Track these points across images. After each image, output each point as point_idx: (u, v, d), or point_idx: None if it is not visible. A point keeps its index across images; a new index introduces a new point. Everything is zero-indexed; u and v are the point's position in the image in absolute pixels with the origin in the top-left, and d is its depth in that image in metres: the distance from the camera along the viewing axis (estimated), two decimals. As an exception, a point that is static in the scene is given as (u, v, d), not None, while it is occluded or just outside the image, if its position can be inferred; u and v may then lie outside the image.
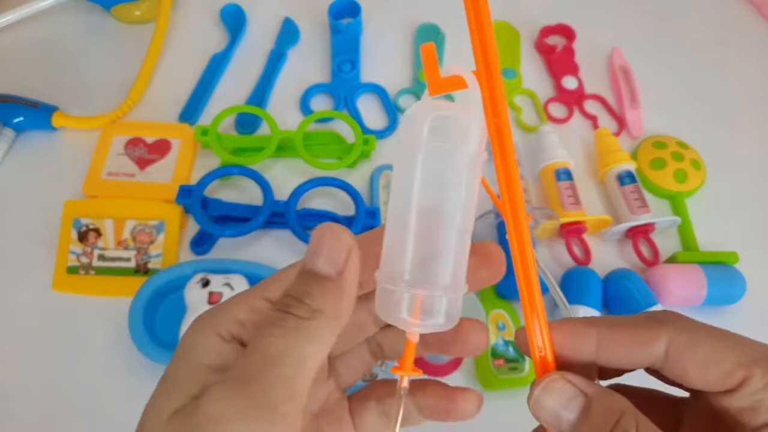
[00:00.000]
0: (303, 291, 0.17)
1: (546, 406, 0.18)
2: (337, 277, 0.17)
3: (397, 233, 0.18)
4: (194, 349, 0.18)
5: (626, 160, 0.49)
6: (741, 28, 0.65)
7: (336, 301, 0.17)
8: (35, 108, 0.48)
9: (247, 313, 0.18)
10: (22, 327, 0.40)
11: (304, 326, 0.16)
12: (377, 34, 0.58)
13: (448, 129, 0.17)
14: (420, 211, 0.17)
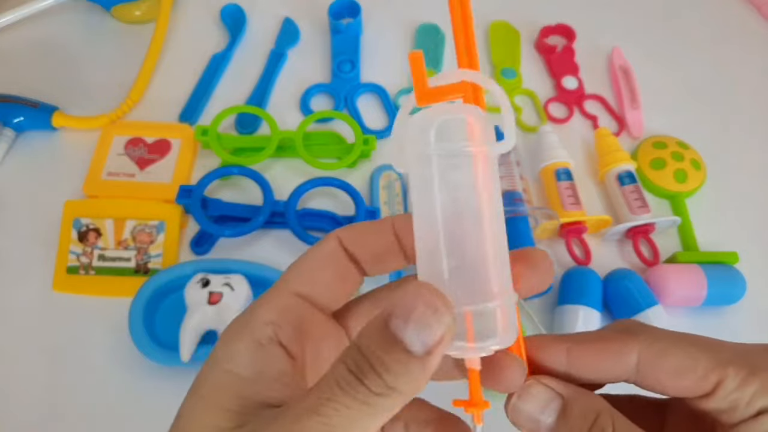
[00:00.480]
0: (381, 362, 0.15)
1: (524, 411, 0.18)
2: (423, 356, 0.15)
3: (428, 253, 0.16)
4: (225, 357, 0.17)
5: (626, 160, 0.49)
6: (741, 28, 0.65)
7: (414, 383, 0.15)
8: (35, 108, 0.48)
9: (277, 314, 0.18)
10: (22, 327, 0.40)
11: (375, 402, 0.15)
12: (377, 34, 0.58)
13: (457, 132, 0.16)
14: (447, 224, 0.16)
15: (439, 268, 0.16)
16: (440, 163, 0.16)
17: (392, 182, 0.47)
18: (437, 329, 0.15)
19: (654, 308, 0.41)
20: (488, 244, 0.16)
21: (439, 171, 0.16)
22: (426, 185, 0.16)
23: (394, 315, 0.15)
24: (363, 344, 0.15)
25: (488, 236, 0.16)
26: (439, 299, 0.15)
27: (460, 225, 0.16)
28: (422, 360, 0.15)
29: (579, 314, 0.41)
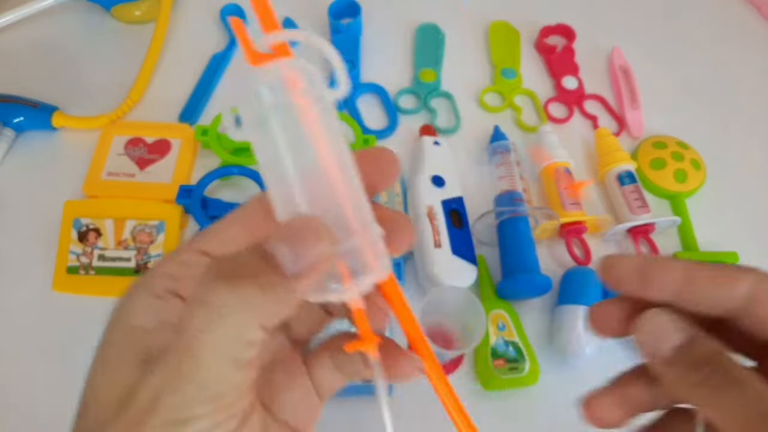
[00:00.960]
0: (250, 267, 0.15)
1: (656, 325, 0.18)
2: (293, 278, 0.15)
3: (284, 208, 0.17)
4: (127, 313, 0.17)
5: (626, 160, 0.49)
6: (741, 28, 0.65)
7: (276, 303, 0.15)
8: (35, 108, 0.48)
9: (178, 268, 0.18)
10: (22, 327, 0.40)
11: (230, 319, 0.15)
12: (377, 34, 0.58)
13: (283, 88, 0.16)
14: (296, 177, 0.16)
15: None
16: (273, 121, 0.16)
17: (392, 182, 0.47)
18: (314, 250, 0.15)
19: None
20: (338, 187, 0.16)
21: (275, 127, 0.16)
22: (266, 144, 0.17)
23: (275, 235, 0.15)
24: (235, 255, 0.15)
25: (336, 179, 0.16)
26: (324, 227, 0.15)
27: (307, 175, 0.16)
28: (290, 281, 0.15)
29: (579, 314, 0.41)
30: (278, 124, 0.16)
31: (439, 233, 0.42)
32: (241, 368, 0.15)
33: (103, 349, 0.17)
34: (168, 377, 0.15)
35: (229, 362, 0.15)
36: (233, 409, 0.16)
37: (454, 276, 0.41)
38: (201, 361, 0.15)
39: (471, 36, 0.60)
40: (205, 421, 0.15)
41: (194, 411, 0.15)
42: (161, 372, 0.15)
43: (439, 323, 0.39)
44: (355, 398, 0.38)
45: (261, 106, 0.16)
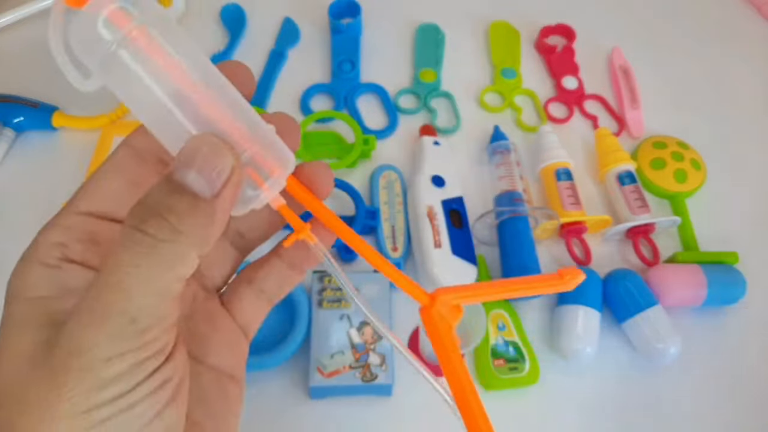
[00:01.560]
0: (165, 205, 0.14)
1: None
2: (211, 199, 0.15)
3: (170, 135, 0.17)
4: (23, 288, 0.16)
5: (626, 160, 0.49)
6: (741, 28, 0.65)
7: (203, 224, 0.15)
8: (35, 108, 0.48)
9: (63, 233, 0.17)
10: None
11: (163, 250, 0.14)
12: (377, 34, 0.58)
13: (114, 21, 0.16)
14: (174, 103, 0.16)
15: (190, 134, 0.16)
16: (123, 58, 0.16)
17: (392, 182, 0.47)
18: (223, 168, 0.15)
19: (654, 308, 0.41)
20: (216, 101, 0.16)
21: (127, 64, 0.16)
22: (125, 84, 0.16)
23: (177, 164, 0.15)
24: (146, 197, 0.15)
25: (210, 94, 0.16)
26: (221, 141, 0.15)
27: (180, 100, 0.16)
28: (210, 202, 0.15)
29: (579, 314, 0.41)
30: (129, 60, 0.16)
31: (439, 233, 0.42)
32: (172, 302, 0.15)
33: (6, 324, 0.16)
34: (93, 316, 0.14)
35: (161, 295, 0.15)
36: (158, 344, 0.15)
37: (454, 276, 0.41)
38: (132, 295, 0.14)
39: (471, 36, 0.60)
40: (131, 357, 0.15)
41: (122, 346, 0.14)
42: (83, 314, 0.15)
43: (439, 323, 0.39)
44: (356, 398, 0.38)
45: (105, 46, 0.16)
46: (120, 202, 0.18)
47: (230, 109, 0.17)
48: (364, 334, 0.39)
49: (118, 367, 0.14)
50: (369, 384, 0.38)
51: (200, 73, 0.16)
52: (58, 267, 0.17)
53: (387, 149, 0.51)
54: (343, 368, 0.38)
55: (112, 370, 0.14)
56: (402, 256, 0.44)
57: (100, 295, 0.15)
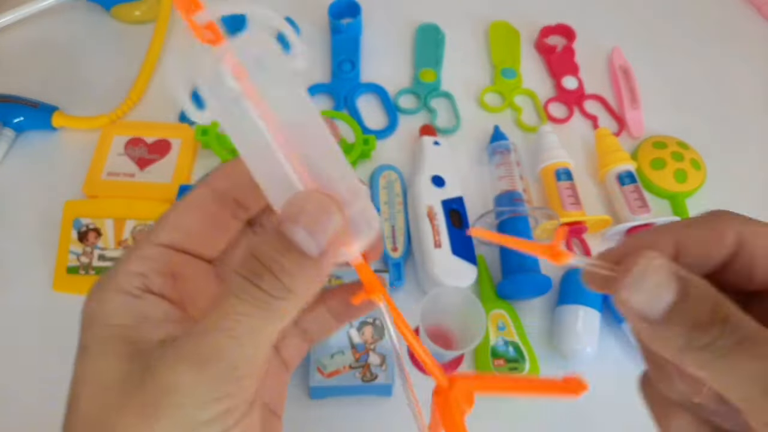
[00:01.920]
0: (278, 264, 0.15)
1: (645, 286, 0.15)
2: (318, 257, 0.15)
3: (275, 182, 0.17)
4: (104, 314, 0.17)
5: (626, 160, 0.49)
6: (741, 28, 0.65)
7: (310, 284, 0.16)
8: (35, 108, 0.48)
9: (144, 264, 0.18)
10: (22, 327, 0.40)
11: (275, 306, 0.15)
12: (377, 34, 0.58)
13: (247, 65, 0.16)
14: (284, 154, 0.16)
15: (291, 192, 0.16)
16: (240, 102, 0.16)
17: (392, 182, 0.47)
18: (329, 227, 0.15)
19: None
20: (325, 156, 0.16)
21: (243, 109, 0.16)
22: (238, 126, 0.16)
23: (285, 219, 0.15)
24: (257, 251, 0.15)
25: (320, 147, 0.16)
26: (328, 198, 0.16)
27: (290, 148, 0.16)
28: (317, 260, 0.15)
29: (579, 314, 0.41)
30: (248, 110, 0.16)
31: (439, 233, 0.42)
32: (268, 352, 0.16)
33: (87, 350, 0.17)
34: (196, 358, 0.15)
35: (262, 346, 0.15)
36: (250, 391, 0.16)
37: (454, 276, 0.41)
38: (241, 343, 0.15)
39: (471, 36, 0.60)
40: (227, 402, 0.15)
41: (220, 391, 0.15)
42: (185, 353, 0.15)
43: (439, 323, 0.39)
44: (356, 398, 0.38)
45: (226, 89, 0.16)
46: (197, 238, 0.19)
47: (337, 168, 0.17)
48: (364, 334, 0.39)
49: (214, 410, 0.15)
50: (369, 384, 0.38)
51: (313, 129, 0.17)
52: (138, 296, 0.17)
53: (387, 149, 0.51)
54: (343, 368, 0.38)
55: (207, 413, 0.15)
56: (402, 256, 0.44)
57: (207, 337, 0.15)
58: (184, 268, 0.19)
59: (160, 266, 0.18)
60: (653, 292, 0.15)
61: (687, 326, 0.15)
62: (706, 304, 0.15)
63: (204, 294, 0.19)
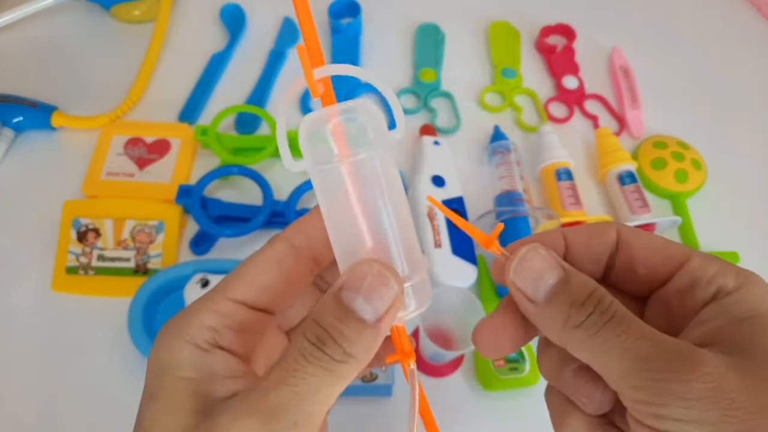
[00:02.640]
0: (338, 331, 0.16)
1: (532, 267, 0.18)
2: (375, 323, 0.16)
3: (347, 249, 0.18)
4: (173, 365, 0.17)
5: (627, 159, 0.48)
6: (741, 28, 0.65)
7: (368, 349, 0.17)
8: (34, 108, 0.48)
9: (217, 319, 0.18)
10: (22, 327, 0.40)
11: (336, 369, 0.16)
12: (377, 34, 0.58)
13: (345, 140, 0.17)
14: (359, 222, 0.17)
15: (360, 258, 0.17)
16: (340, 170, 0.17)
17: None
18: (386, 297, 0.16)
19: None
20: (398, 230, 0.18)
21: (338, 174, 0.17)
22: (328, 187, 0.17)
23: (345, 287, 0.17)
24: (319, 317, 0.16)
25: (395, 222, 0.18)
26: (388, 269, 0.17)
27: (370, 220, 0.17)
28: (374, 327, 0.16)
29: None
30: (343, 177, 0.17)
31: (440, 233, 0.42)
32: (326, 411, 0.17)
33: (155, 399, 0.17)
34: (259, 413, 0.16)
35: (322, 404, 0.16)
36: None
37: (455, 276, 0.41)
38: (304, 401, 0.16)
39: (471, 36, 0.60)
40: None
41: None
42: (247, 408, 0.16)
43: (439, 323, 0.39)
44: (356, 398, 0.38)
45: (327, 156, 0.17)
46: (272, 296, 0.19)
47: (407, 243, 0.18)
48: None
49: None
50: (369, 384, 0.37)
51: (395, 203, 0.18)
52: (208, 351, 0.18)
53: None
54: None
55: None
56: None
57: (271, 393, 0.16)
58: (254, 323, 0.19)
59: (231, 322, 0.18)
60: (538, 276, 0.17)
61: (566, 306, 0.17)
62: (584, 290, 0.17)
63: (267, 345, 0.20)
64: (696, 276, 0.18)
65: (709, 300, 0.17)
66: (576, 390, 0.18)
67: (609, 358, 0.16)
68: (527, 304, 0.18)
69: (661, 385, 0.15)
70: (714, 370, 0.15)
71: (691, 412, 0.14)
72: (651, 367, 0.15)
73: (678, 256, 0.18)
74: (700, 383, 0.15)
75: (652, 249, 0.19)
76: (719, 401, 0.14)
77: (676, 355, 0.15)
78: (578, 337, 0.17)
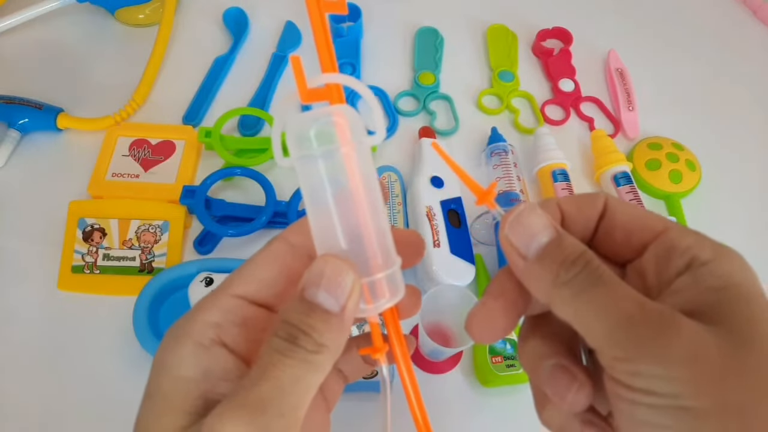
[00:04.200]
0: (307, 324, 0.17)
1: (527, 224, 0.18)
2: (339, 312, 0.17)
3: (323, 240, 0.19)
4: (172, 363, 0.18)
5: (622, 161, 0.49)
6: (736, 30, 0.66)
7: (338, 336, 0.18)
8: (40, 110, 0.48)
9: (220, 315, 0.19)
10: (28, 326, 0.40)
11: (312, 359, 0.17)
12: (377, 38, 0.59)
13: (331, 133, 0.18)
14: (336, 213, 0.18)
15: (335, 250, 0.19)
16: (320, 162, 0.18)
17: (392, 183, 0.48)
18: (345, 285, 0.18)
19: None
20: (370, 226, 0.19)
21: (321, 168, 0.18)
22: (311, 181, 0.18)
23: (306, 285, 0.18)
24: (288, 316, 0.17)
25: (369, 218, 0.19)
26: (342, 261, 0.18)
27: (345, 213, 0.18)
28: (339, 316, 0.17)
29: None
30: (325, 165, 0.18)
31: (438, 233, 0.43)
32: (308, 403, 0.17)
33: (152, 399, 0.18)
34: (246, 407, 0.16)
35: (305, 395, 0.17)
36: None
37: (453, 275, 0.42)
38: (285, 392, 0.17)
39: (469, 39, 0.61)
40: None
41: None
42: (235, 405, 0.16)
43: (437, 321, 0.40)
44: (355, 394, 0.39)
45: (311, 147, 0.18)
46: (272, 291, 0.20)
47: (378, 239, 0.19)
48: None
49: None
50: (369, 380, 0.38)
51: (369, 200, 0.19)
52: (208, 348, 0.18)
53: (387, 151, 0.51)
54: (344, 365, 0.38)
55: None
56: (402, 255, 0.44)
57: (253, 388, 0.16)
58: (256, 319, 0.20)
59: (234, 318, 0.19)
60: (532, 233, 0.18)
61: (556, 264, 0.17)
62: (575, 250, 0.18)
63: None
64: (672, 245, 0.18)
65: (684, 270, 0.18)
66: (549, 387, 0.19)
67: (592, 316, 0.17)
68: (518, 260, 0.18)
69: (641, 344, 0.15)
70: (692, 334, 0.15)
71: (667, 371, 0.15)
72: (632, 326, 0.16)
73: (657, 226, 0.19)
74: (678, 345, 0.15)
75: (632, 216, 0.19)
76: (695, 363, 0.15)
77: (658, 317, 0.16)
78: (565, 295, 0.17)
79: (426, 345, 0.39)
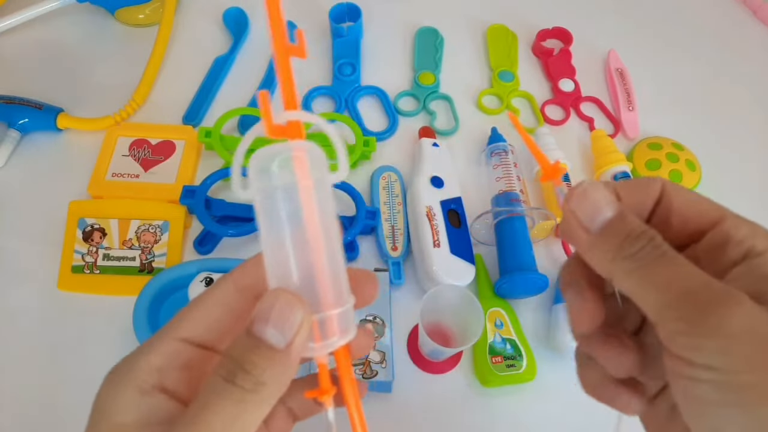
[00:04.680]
0: (249, 361, 0.17)
1: (593, 198, 0.19)
2: (285, 349, 0.17)
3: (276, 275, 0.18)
4: (112, 410, 0.18)
5: (622, 161, 0.49)
6: (736, 31, 0.66)
7: (281, 374, 0.17)
8: (40, 110, 0.48)
9: (162, 359, 0.18)
10: (27, 326, 0.40)
11: (249, 399, 0.16)
12: (377, 38, 0.59)
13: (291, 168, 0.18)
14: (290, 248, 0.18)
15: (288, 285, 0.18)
16: (279, 195, 0.18)
17: (392, 183, 0.48)
18: (294, 321, 0.17)
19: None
20: (324, 262, 0.18)
21: (278, 201, 0.18)
22: (269, 214, 0.18)
23: (255, 321, 0.17)
24: (232, 351, 0.17)
25: (324, 255, 0.18)
26: (293, 296, 0.17)
27: (299, 247, 0.18)
28: (285, 352, 0.17)
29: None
30: (282, 198, 0.18)
31: (438, 233, 0.43)
32: None
33: None
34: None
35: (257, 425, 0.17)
36: None
37: (453, 275, 0.42)
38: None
39: (469, 39, 0.61)
40: None
41: None
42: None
43: (437, 321, 0.40)
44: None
45: (270, 180, 0.18)
46: (218, 333, 0.20)
47: (332, 276, 0.18)
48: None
49: None
50: (369, 381, 0.38)
51: (325, 237, 0.18)
52: (148, 393, 0.18)
53: (387, 151, 0.51)
54: (343, 365, 0.38)
55: None
56: (402, 255, 0.44)
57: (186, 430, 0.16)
58: (200, 361, 0.20)
59: (177, 362, 0.19)
60: (597, 208, 0.19)
61: (619, 238, 0.18)
62: (639, 226, 0.18)
63: None
64: (728, 235, 0.18)
65: (740, 260, 0.18)
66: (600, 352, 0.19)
67: (655, 289, 0.17)
68: (581, 233, 0.19)
69: (704, 317, 0.15)
70: (754, 310, 0.16)
71: (728, 344, 0.15)
72: (694, 300, 0.16)
73: (712, 214, 0.19)
74: (739, 319, 0.15)
75: (689, 201, 0.19)
76: (754, 337, 0.15)
77: (720, 292, 0.16)
78: (627, 268, 0.17)
79: (426, 345, 0.39)
